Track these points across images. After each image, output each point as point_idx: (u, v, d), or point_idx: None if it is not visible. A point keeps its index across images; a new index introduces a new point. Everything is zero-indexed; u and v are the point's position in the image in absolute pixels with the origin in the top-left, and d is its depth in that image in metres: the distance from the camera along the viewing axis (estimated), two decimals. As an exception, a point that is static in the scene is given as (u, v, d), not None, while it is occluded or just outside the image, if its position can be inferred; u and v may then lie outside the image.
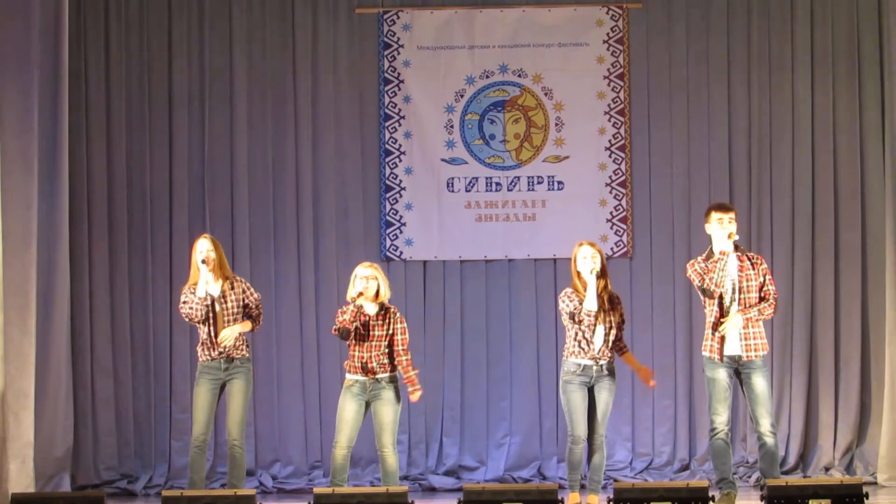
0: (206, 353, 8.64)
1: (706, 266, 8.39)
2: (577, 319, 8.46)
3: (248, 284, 8.79)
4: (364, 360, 8.37)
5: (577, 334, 8.50)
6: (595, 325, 8.44)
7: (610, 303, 8.54)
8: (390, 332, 8.46)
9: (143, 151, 10.53)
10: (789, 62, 10.55)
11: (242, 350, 8.66)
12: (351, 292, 8.44)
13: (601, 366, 8.51)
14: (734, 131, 10.59)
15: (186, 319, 8.68)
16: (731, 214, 8.46)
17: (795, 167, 10.52)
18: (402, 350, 8.46)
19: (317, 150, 10.62)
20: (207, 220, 10.48)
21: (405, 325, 8.53)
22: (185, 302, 8.63)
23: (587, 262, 8.48)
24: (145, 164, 10.53)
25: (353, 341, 8.38)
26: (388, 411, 8.40)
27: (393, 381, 8.45)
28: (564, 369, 8.54)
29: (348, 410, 8.41)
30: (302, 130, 10.62)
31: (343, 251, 10.58)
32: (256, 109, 10.62)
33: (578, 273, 8.52)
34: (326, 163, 10.63)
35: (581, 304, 8.44)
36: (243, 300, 8.68)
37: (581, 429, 8.48)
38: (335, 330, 8.39)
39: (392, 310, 8.52)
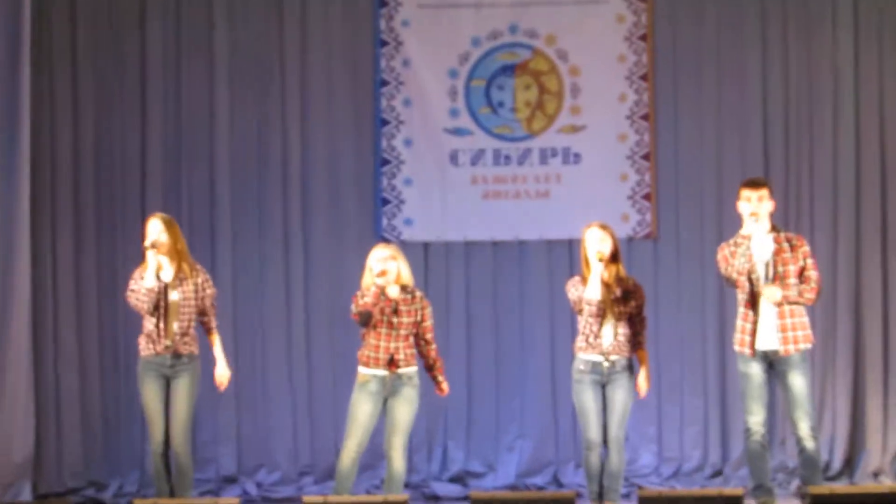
0: (151, 346, 8.29)
1: (729, 251, 8.16)
2: (577, 309, 8.23)
3: (207, 276, 8.46)
4: (391, 352, 8.04)
5: (584, 327, 8.21)
6: (603, 317, 8.17)
7: (623, 293, 8.23)
8: (418, 318, 8.14)
9: (113, 123, 10.26)
10: (830, 20, 10.22)
11: (191, 346, 8.33)
12: (367, 278, 8.11)
13: (613, 362, 8.19)
14: (769, 98, 10.25)
15: (134, 310, 8.39)
16: (761, 192, 8.19)
17: (837, 138, 10.19)
18: (432, 338, 8.21)
19: (305, 120, 10.34)
20: (184, 200, 10.21)
21: (431, 309, 8.23)
22: (132, 290, 8.32)
23: (594, 246, 8.25)
24: (115, 136, 10.25)
25: (377, 329, 8.05)
26: (405, 410, 8.07)
27: (415, 377, 8.13)
28: (574, 367, 8.27)
29: (363, 412, 8.07)
30: (289, 97, 10.33)
31: (335, 232, 10.29)
32: (238, 73, 10.32)
33: (587, 259, 8.26)
34: (316, 133, 10.33)
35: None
36: (200, 293, 8.36)
37: (594, 432, 8.18)
38: (356, 314, 8.05)
39: (418, 293, 8.19)
